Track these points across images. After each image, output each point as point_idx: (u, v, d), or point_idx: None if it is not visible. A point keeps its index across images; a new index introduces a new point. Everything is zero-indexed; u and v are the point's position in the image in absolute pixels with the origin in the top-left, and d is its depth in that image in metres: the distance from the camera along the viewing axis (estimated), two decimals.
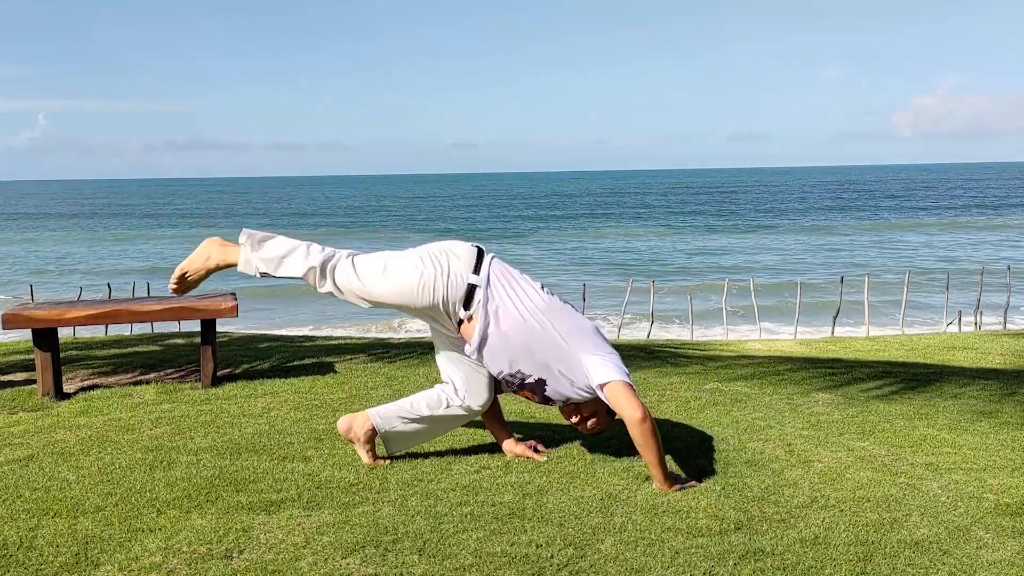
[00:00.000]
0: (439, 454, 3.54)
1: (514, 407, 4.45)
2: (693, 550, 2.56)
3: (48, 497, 3.04)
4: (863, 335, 10.43)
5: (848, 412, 4.38)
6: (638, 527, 2.73)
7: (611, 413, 3.25)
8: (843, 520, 2.81)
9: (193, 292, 3.74)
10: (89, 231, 42.00)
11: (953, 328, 11.49)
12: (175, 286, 3.36)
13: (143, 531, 2.72)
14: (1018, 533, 2.72)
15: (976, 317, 11.91)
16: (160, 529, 2.74)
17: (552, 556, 2.50)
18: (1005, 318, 12.00)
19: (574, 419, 3.29)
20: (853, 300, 12.36)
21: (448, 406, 3.39)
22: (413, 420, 3.39)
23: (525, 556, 2.50)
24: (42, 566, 2.48)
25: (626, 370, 3.11)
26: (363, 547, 2.57)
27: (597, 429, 3.32)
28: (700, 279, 21.94)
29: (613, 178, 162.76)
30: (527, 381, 3.17)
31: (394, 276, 3.16)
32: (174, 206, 69.49)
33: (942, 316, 12.39)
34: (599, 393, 3.08)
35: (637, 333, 11.75)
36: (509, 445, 3.52)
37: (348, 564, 2.45)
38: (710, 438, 3.82)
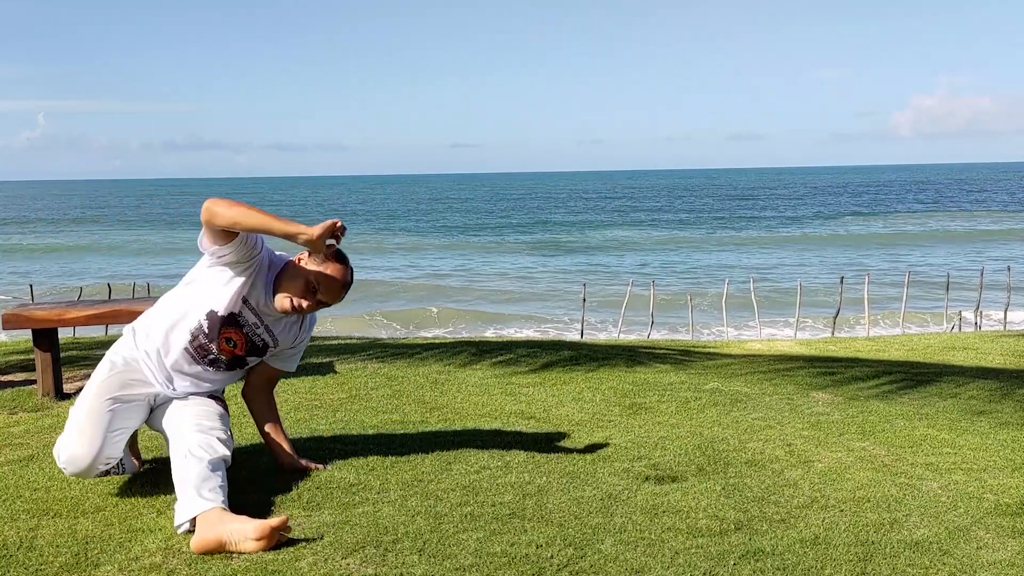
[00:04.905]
0: (439, 454, 3.53)
1: (513, 407, 4.45)
2: (693, 550, 2.56)
3: (48, 497, 3.03)
4: (863, 335, 10.43)
5: (848, 412, 4.38)
6: (638, 527, 2.73)
7: (324, 262, 3.01)
8: (843, 520, 2.81)
9: None
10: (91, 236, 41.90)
11: (953, 329, 11.49)
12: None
13: (143, 531, 2.72)
14: (1018, 533, 2.72)
15: (976, 317, 11.92)
16: (160, 529, 2.74)
17: (552, 556, 2.50)
18: (1005, 318, 12.00)
19: (304, 303, 3.01)
20: (853, 300, 12.36)
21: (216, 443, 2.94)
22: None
23: (525, 556, 2.50)
24: (42, 566, 2.48)
25: None
26: (363, 547, 2.57)
27: (327, 286, 3.01)
28: (699, 280, 21.94)
29: (613, 178, 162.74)
30: (207, 328, 3.00)
31: (86, 386, 3.08)
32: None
33: (942, 316, 12.40)
34: (213, 251, 2.93)
35: (637, 334, 11.75)
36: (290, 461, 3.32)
37: (348, 564, 2.45)
38: (710, 438, 3.82)
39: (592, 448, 3.63)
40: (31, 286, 11.44)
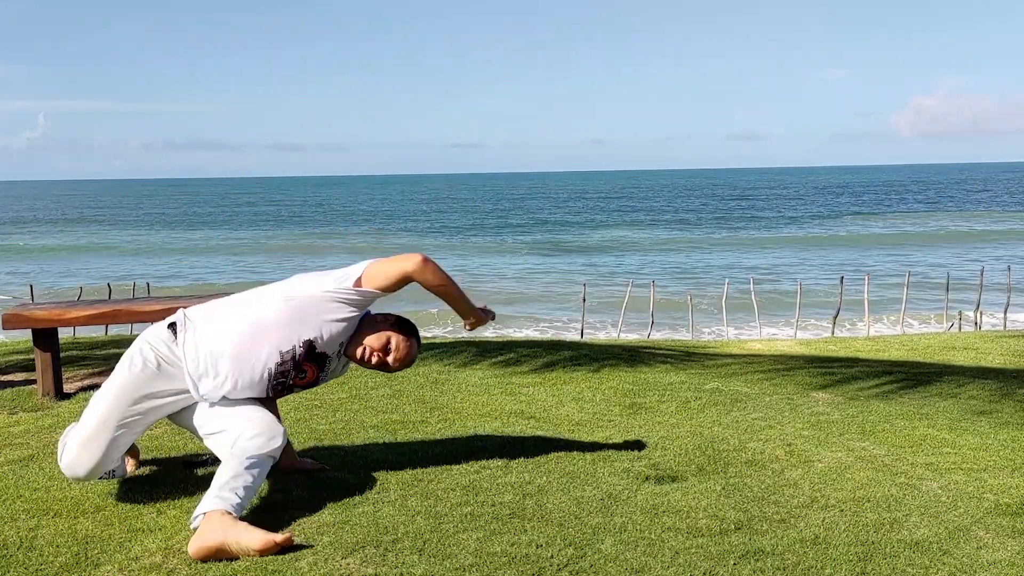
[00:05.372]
0: (439, 454, 3.54)
1: (513, 407, 4.45)
2: (693, 550, 2.56)
3: (48, 497, 3.03)
4: (863, 335, 10.43)
5: (848, 412, 4.38)
6: (638, 527, 2.73)
7: (405, 331, 3.07)
8: (843, 520, 2.81)
9: (190, 292, 3.66)
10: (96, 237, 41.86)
11: (953, 329, 11.49)
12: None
13: (143, 531, 2.72)
14: (1018, 533, 2.72)
15: (976, 317, 11.92)
16: (160, 529, 2.74)
17: (552, 556, 2.50)
18: (1005, 318, 11.99)
19: (374, 359, 3.02)
20: (854, 301, 12.36)
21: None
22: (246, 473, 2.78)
23: (525, 556, 2.50)
24: (42, 566, 2.48)
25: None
26: (363, 547, 2.57)
27: (402, 354, 3.04)
28: (699, 280, 21.94)
29: (613, 178, 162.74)
30: (298, 356, 2.92)
31: (103, 392, 2.92)
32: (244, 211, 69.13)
33: (942, 316, 12.40)
34: (365, 292, 2.90)
35: (637, 334, 11.74)
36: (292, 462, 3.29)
37: (348, 564, 2.45)
38: (710, 438, 3.82)
39: (592, 448, 3.63)
40: (31, 286, 11.43)
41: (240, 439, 2.81)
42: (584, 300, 12.10)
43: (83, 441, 2.88)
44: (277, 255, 30.60)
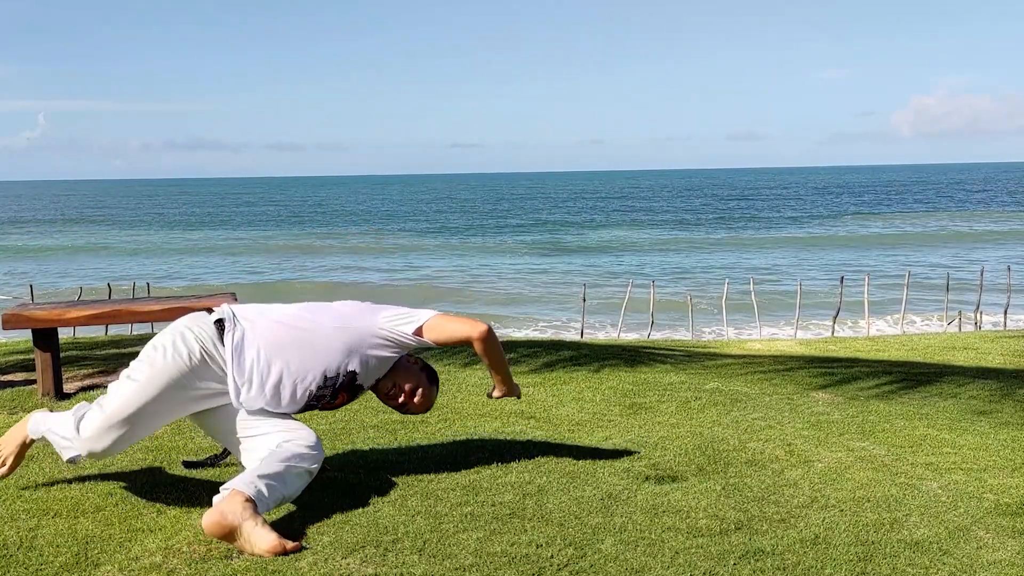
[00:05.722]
0: (439, 454, 3.54)
1: (513, 407, 4.45)
2: (693, 550, 2.56)
3: (48, 497, 3.03)
4: (863, 335, 10.43)
5: (848, 412, 4.38)
6: (638, 527, 2.73)
7: (432, 380, 3.18)
8: (843, 520, 2.81)
9: (190, 292, 3.65)
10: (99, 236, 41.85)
11: (953, 328, 11.50)
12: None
13: (143, 531, 2.72)
14: (1018, 533, 2.72)
15: (976, 317, 11.92)
16: (160, 529, 2.74)
17: (552, 556, 2.50)
18: (1005, 318, 12.00)
19: (400, 398, 3.13)
20: (854, 301, 12.36)
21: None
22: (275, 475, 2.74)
23: (525, 556, 2.50)
24: (42, 566, 2.48)
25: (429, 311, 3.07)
26: (363, 547, 2.57)
27: (425, 397, 3.16)
28: (699, 280, 21.95)
29: (613, 178, 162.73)
30: (339, 384, 2.97)
31: (136, 372, 2.84)
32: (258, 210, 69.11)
33: (942, 316, 12.40)
34: (421, 341, 2.99)
35: (637, 334, 11.75)
36: None
37: (348, 564, 2.45)
38: (710, 438, 3.82)
39: (592, 448, 3.63)
40: (31, 286, 11.44)
41: (292, 442, 2.83)
42: (584, 300, 12.10)
43: (105, 425, 2.81)
44: (276, 255, 30.58)
